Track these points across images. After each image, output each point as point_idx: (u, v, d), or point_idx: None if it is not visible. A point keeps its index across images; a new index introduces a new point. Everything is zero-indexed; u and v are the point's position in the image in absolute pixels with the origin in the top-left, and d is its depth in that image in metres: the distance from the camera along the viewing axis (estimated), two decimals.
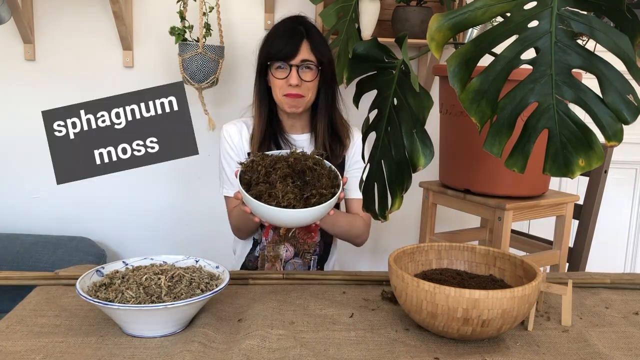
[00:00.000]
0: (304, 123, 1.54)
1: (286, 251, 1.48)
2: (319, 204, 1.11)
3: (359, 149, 1.56)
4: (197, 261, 1.17)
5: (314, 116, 1.52)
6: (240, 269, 1.58)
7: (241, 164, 1.22)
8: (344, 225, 1.49)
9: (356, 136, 1.57)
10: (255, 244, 1.55)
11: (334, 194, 1.15)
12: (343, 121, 1.55)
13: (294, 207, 1.08)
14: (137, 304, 0.96)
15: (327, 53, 1.48)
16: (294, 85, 1.41)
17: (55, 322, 1.03)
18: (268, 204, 1.10)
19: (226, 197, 1.55)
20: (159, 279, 1.03)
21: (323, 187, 1.14)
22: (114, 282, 1.04)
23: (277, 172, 1.14)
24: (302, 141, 1.53)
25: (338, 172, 1.23)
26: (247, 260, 1.56)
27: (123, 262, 1.14)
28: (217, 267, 1.13)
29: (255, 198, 1.12)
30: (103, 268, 1.10)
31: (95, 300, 0.95)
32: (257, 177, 1.15)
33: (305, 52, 1.43)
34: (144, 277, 1.03)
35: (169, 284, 1.02)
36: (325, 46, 1.48)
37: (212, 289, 1.02)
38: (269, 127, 1.49)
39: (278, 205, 1.09)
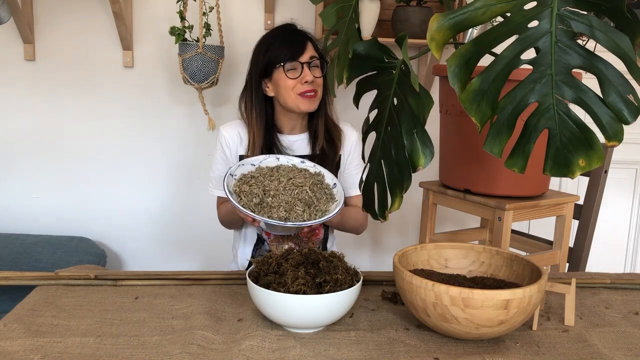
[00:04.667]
0: (303, 124, 1.55)
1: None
2: (334, 292, 1.00)
3: (354, 146, 1.57)
4: None
5: (312, 116, 1.53)
6: (247, 266, 1.58)
7: (254, 260, 1.12)
8: (350, 221, 1.53)
9: (349, 133, 1.58)
10: (261, 240, 1.55)
11: (351, 285, 1.03)
12: (335, 122, 1.57)
13: (304, 293, 0.98)
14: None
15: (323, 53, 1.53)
16: (310, 81, 1.43)
17: (53, 322, 1.03)
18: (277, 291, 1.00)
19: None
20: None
21: (339, 274, 1.02)
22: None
23: (288, 262, 1.06)
24: (300, 141, 1.54)
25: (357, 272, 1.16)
26: (258, 255, 1.56)
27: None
28: None
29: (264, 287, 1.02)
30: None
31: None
32: (266, 269, 1.06)
33: (311, 50, 1.46)
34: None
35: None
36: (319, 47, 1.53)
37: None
38: (267, 134, 1.50)
39: (287, 291, 1.00)
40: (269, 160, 1.40)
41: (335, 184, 1.38)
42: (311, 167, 1.40)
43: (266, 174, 1.33)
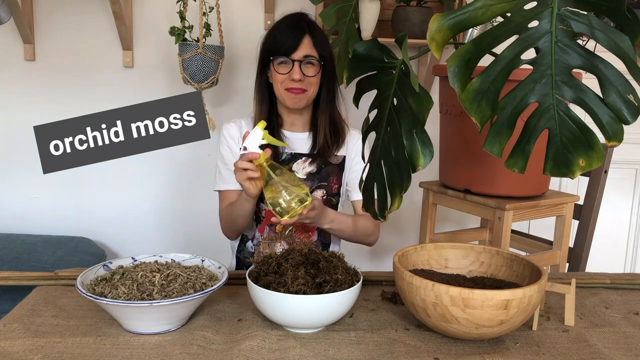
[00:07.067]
0: (305, 121, 1.54)
1: (282, 249, 1.48)
2: (334, 292, 1.00)
3: (359, 149, 1.57)
4: (202, 261, 1.16)
5: (315, 114, 1.52)
6: (236, 266, 1.58)
7: (255, 262, 1.13)
8: (348, 226, 1.49)
9: (356, 136, 1.57)
10: (245, 239, 1.55)
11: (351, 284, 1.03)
12: (342, 119, 1.56)
13: (304, 293, 0.98)
14: (127, 300, 0.96)
15: (328, 49, 1.49)
16: (297, 79, 1.42)
17: (52, 322, 1.03)
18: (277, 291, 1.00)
19: (219, 193, 1.55)
20: (154, 276, 1.03)
21: (339, 274, 1.03)
22: (114, 277, 1.04)
23: (288, 262, 1.06)
24: (301, 140, 1.53)
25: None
26: (242, 256, 1.56)
27: (132, 258, 1.14)
28: (219, 268, 1.12)
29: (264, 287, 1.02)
30: (111, 263, 1.10)
31: (89, 295, 0.95)
32: (266, 269, 1.06)
33: (307, 47, 1.43)
34: (140, 274, 1.03)
35: (163, 282, 1.02)
36: (326, 43, 1.49)
37: (206, 290, 1.01)
38: (268, 122, 1.50)
39: (287, 291, 0.99)
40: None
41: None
42: None
43: None
